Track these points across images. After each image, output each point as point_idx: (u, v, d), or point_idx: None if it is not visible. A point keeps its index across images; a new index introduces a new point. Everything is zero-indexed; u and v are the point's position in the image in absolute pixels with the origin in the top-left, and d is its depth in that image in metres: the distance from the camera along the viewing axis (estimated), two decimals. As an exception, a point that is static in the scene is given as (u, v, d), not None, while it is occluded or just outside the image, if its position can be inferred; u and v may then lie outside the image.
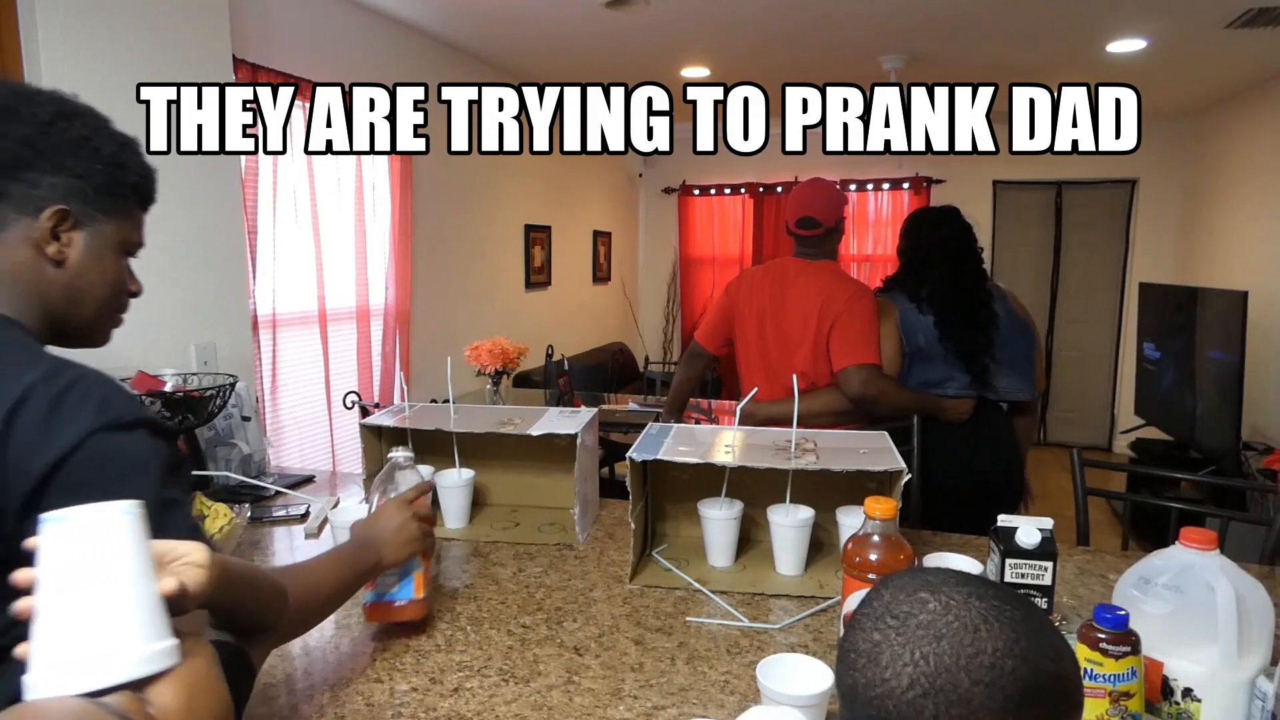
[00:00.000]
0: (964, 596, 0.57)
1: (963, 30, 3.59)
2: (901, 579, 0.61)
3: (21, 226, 0.84)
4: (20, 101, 0.85)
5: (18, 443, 0.73)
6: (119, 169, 0.90)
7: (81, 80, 1.83)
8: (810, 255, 2.20)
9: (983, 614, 0.56)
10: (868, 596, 0.61)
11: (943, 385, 2.10)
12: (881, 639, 0.57)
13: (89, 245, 0.89)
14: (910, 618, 0.57)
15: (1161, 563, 1.00)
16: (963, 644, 0.54)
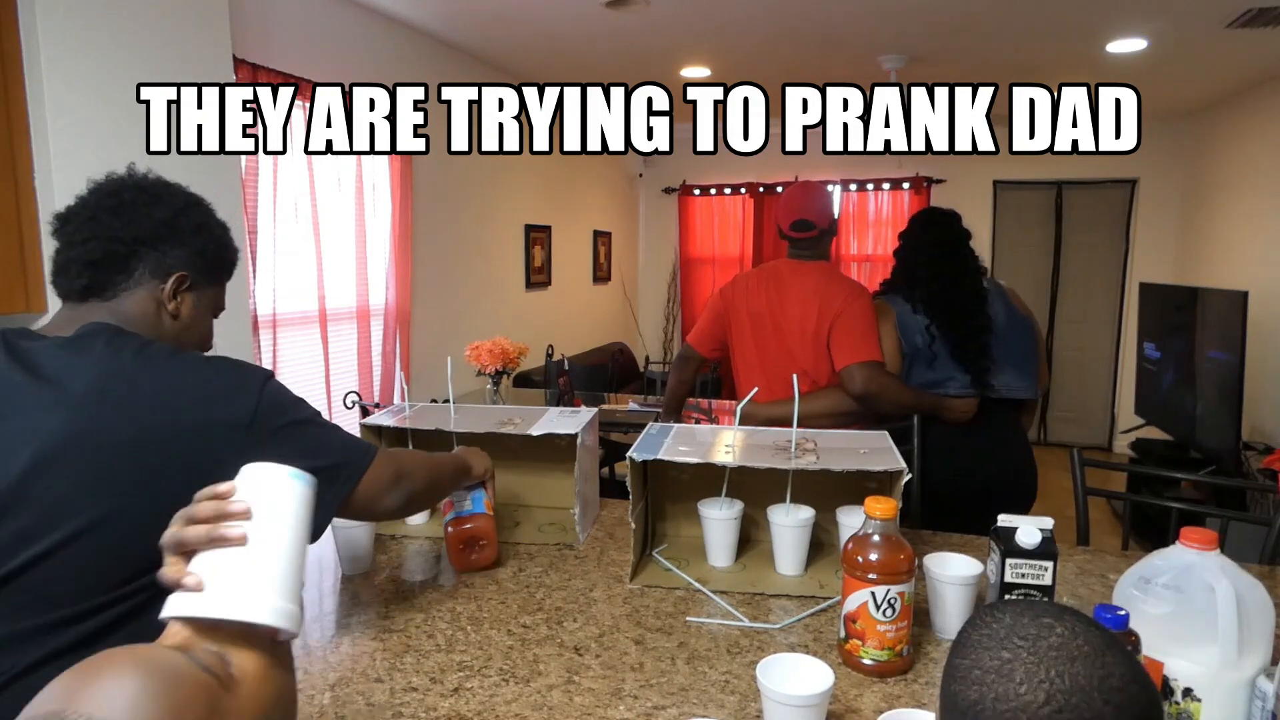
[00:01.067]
0: (1086, 624, 0.59)
1: (963, 30, 3.59)
2: (1017, 606, 0.63)
3: (152, 286, 1.08)
4: (162, 190, 1.11)
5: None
6: (224, 248, 1.17)
7: (81, 80, 1.83)
8: (805, 256, 2.20)
9: (1106, 641, 0.58)
10: (981, 619, 0.63)
11: (944, 385, 2.10)
12: (1013, 657, 0.58)
13: (196, 305, 1.13)
14: (1040, 639, 0.58)
15: (1161, 563, 1.00)
16: (1094, 667, 0.56)
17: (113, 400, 0.94)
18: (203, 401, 0.98)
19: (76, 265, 1.05)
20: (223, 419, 0.98)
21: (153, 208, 1.08)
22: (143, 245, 1.07)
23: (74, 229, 1.05)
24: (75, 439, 0.92)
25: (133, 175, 1.11)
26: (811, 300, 2.11)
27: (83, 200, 1.07)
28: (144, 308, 1.08)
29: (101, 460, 0.92)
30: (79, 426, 0.92)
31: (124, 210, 1.06)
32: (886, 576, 1.07)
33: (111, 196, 1.07)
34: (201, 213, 1.14)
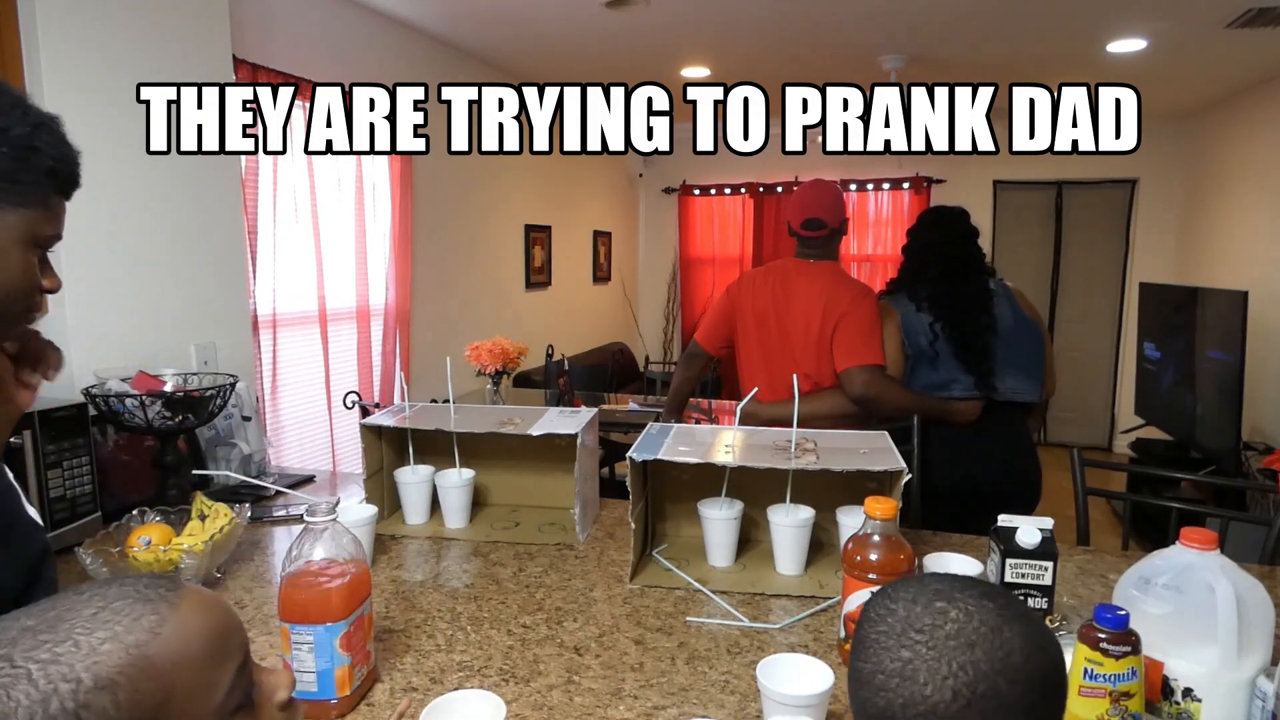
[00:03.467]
0: (978, 599, 0.58)
1: (963, 30, 3.59)
2: (908, 591, 0.61)
3: None
4: None
5: None
6: (29, 152, 0.80)
7: (81, 80, 1.83)
8: (813, 256, 2.20)
9: (1000, 615, 0.57)
10: (875, 613, 0.61)
11: (948, 387, 2.09)
12: (912, 655, 0.57)
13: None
14: (936, 629, 0.57)
15: (1161, 563, 1.00)
16: (994, 648, 0.55)
17: None
18: None
19: None
20: None
21: None
22: None
23: None
24: None
25: None
26: (817, 301, 2.11)
27: None
28: None
29: None
30: None
31: None
32: (887, 576, 1.07)
33: None
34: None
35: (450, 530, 1.66)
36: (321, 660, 0.97)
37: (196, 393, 1.72)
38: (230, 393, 1.80)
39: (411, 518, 1.69)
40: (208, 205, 2.17)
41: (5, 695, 0.44)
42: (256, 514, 1.73)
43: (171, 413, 1.66)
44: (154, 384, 1.76)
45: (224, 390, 1.76)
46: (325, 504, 1.03)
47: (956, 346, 2.07)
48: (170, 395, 1.68)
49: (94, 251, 1.82)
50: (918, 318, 2.11)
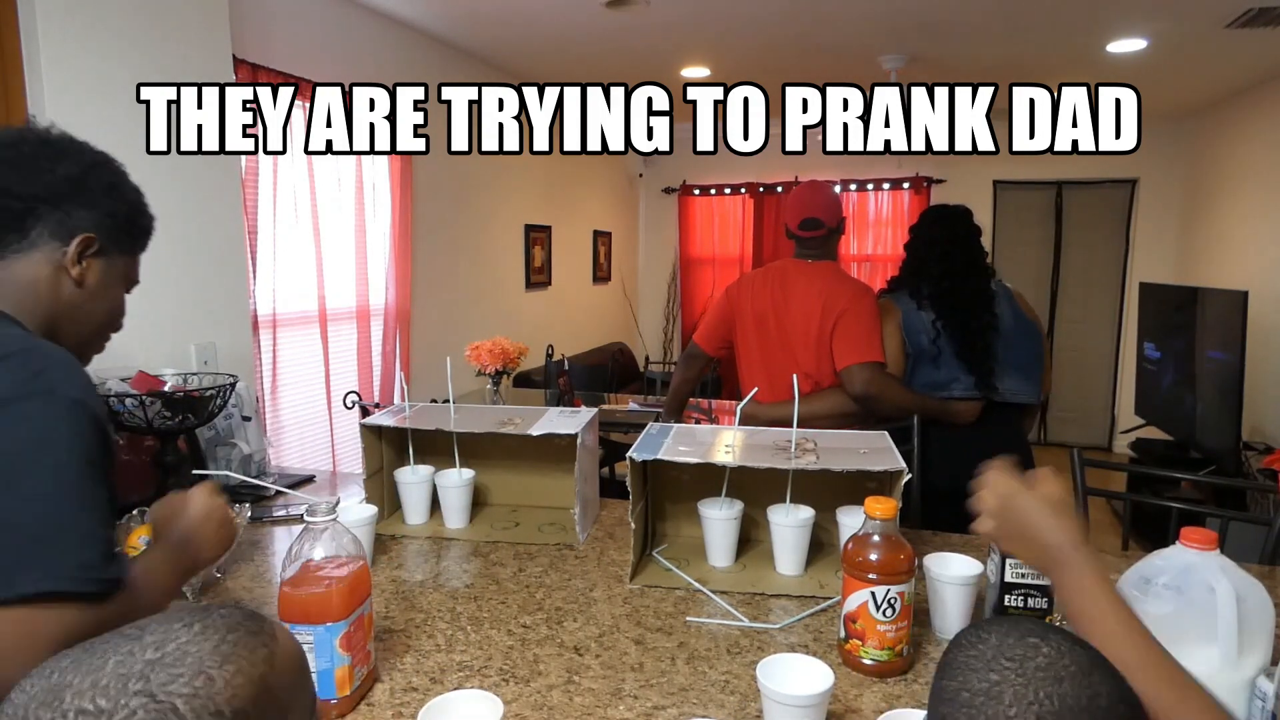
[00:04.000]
0: (1071, 643, 0.59)
1: (963, 30, 3.59)
2: (1001, 625, 0.63)
3: (51, 248, 0.98)
4: (69, 146, 1.01)
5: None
6: (138, 213, 1.08)
7: (81, 80, 1.83)
8: (812, 256, 2.20)
9: (1092, 660, 0.58)
10: (967, 640, 0.62)
11: (948, 387, 2.09)
12: (1000, 679, 0.58)
13: (104, 274, 1.04)
14: (1027, 660, 0.58)
15: (1162, 563, 1.00)
16: (1082, 687, 0.56)
17: None
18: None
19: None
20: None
21: (57, 163, 0.98)
22: (42, 203, 0.97)
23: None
24: None
25: (34, 128, 1.01)
26: (816, 301, 2.11)
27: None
28: (38, 272, 0.97)
29: None
30: None
31: (23, 164, 0.96)
32: (887, 576, 1.07)
33: (9, 149, 0.97)
34: (112, 172, 1.04)
35: (450, 530, 1.66)
36: (321, 660, 0.97)
37: (196, 393, 1.72)
38: (230, 393, 1.80)
39: (411, 518, 1.69)
40: (208, 205, 2.17)
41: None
42: (256, 514, 1.73)
43: (171, 413, 1.66)
44: (154, 384, 1.76)
45: (224, 390, 1.76)
46: (325, 504, 1.03)
47: (958, 345, 2.07)
48: (170, 395, 1.68)
49: (94, 251, 1.83)
50: (919, 316, 2.11)
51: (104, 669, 0.48)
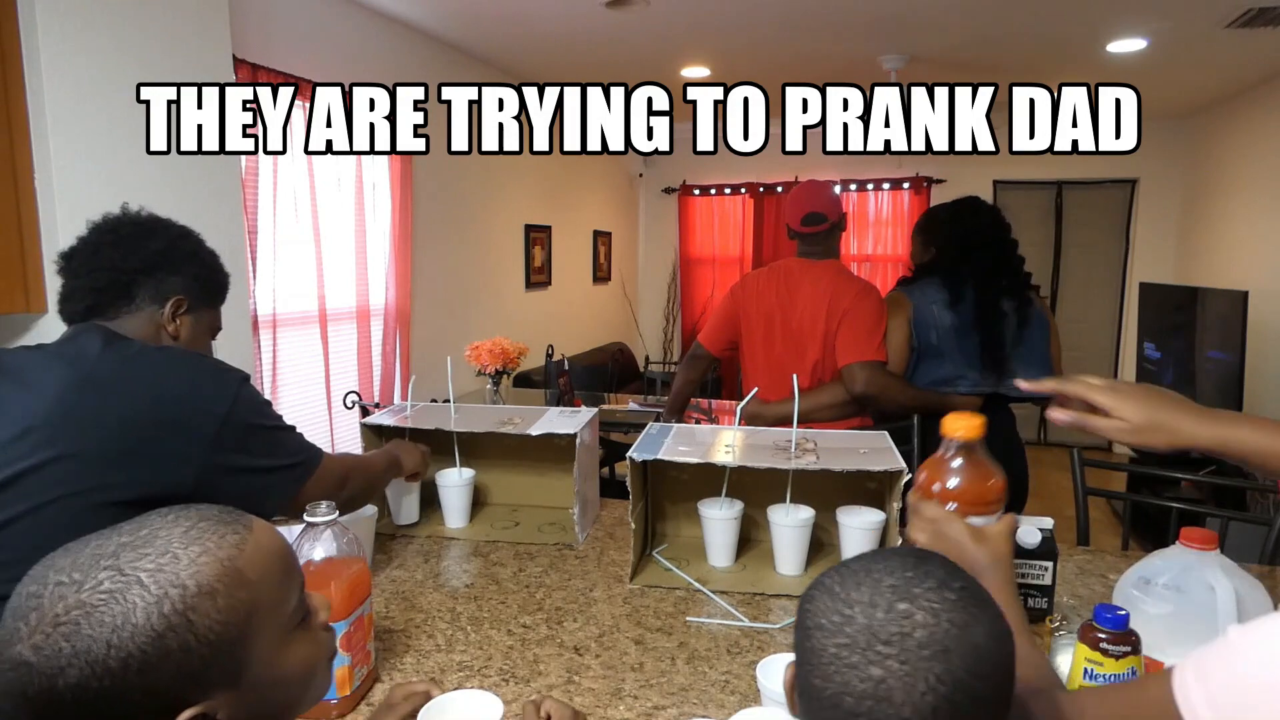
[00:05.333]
0: (939, 593, 0.54)
1: (963, 30, 3.59)
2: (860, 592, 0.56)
3: (152, 310, 1.18)
4: (156, 224, 1.22)
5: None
6: (216, 273, 1.28)
7: (81, 80, 1.83)
8: (815, 254, 2.20)
9: (963, 605, 0.54)
10: (829, 620, 0.56)
11: (954, 383, 2.09)
12: (885, 673, 0.52)
13: (194, 327, 1.23)
14: (906, 638, 0.52)
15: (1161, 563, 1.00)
16: (966, 649, 0.52)
17: (96, 384, 1.02)
18: (182, 397, 1.05)
19: (81, 291, 1.16)
20: (199, 417, 1.05)
21: (148, 239, 1.19)
22: (141, 274, 1.17)
23: (78, 263, 1.17)
24: (57, 414, 0.99)
25: (127, 213, 1.22)
26: (821, 299, 2.11)
27: (84, 238, 1.18)
28: (145, 329, 1.18)
29: (76, 438, 0.98)
30: (64, 404, 1.00)
31: (123, 243, 1.17)
32: (970, 506, 0.89)
33: (110, 232, 1.18)
34: (193, 242, 1.26)
35: (450, 530, 1.66)
36: None
37: (196, 393, 1.72)
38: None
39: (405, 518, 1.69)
40: (208, 205, 2.17)
41: (121, 599, 0.50)
42: (256, 514, 1.73)
43: (171, 413, 1.66)
44: (154, 384, 1.76)
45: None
46: (325, 504, 1.03)
47: (980, 342, 2.06)
48: (170, 395, 1.68)
49: (94, 251, 1.83)
50: (931, 311, 2.10)
51: (83, 551, 0.54)
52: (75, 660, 0.49)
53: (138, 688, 0.50)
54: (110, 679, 0.50)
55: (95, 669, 0.49)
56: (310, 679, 0.64)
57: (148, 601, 0.51)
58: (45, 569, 0.53)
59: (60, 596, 0.50)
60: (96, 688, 0.49)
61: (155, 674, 0.51)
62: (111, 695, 0.50)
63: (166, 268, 1.19)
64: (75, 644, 0.49)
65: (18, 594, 0.52)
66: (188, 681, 0.53)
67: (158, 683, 0.51)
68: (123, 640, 0.50)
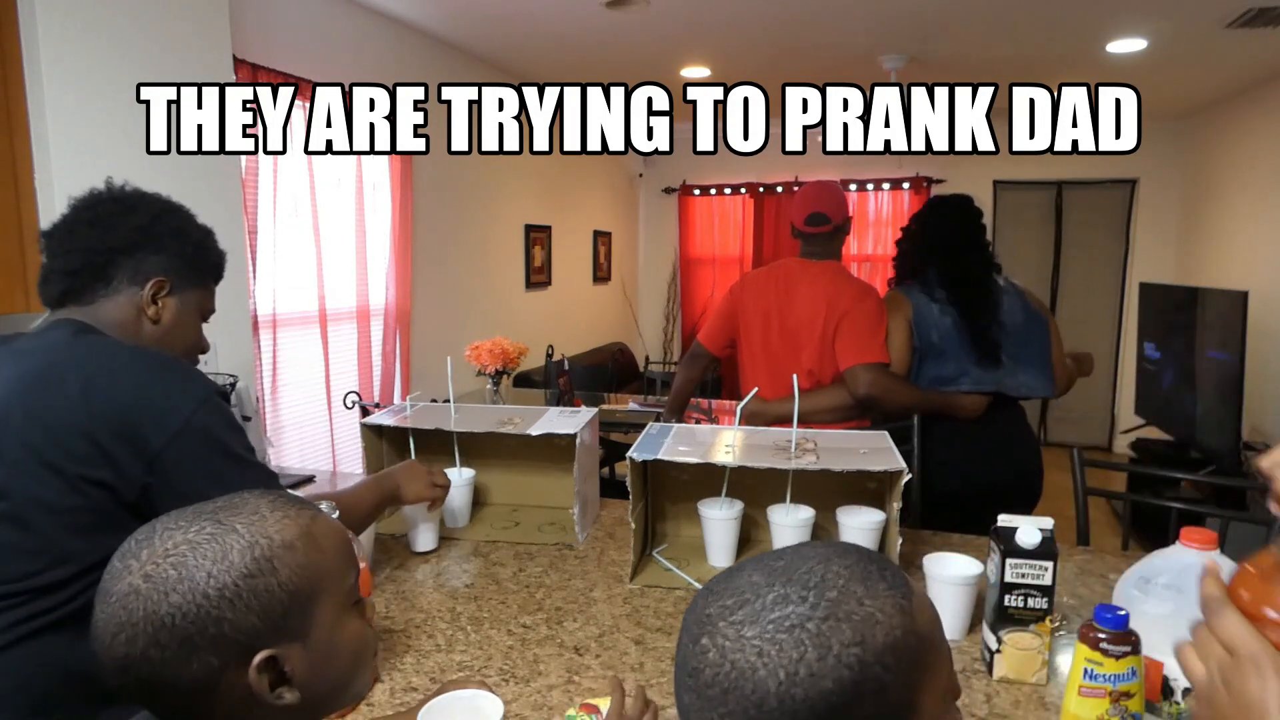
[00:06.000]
0: (737, 629, 0.51)
1: (963, 30, 3.59)
2: (694, 613, 0.55)
3: (131, 292, 1.10)
4: (137, 200, 1.13)
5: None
6: (205, 251, 1.18)
7: (82, 80, 1.83)
8: (816, 255, 2.20)
9: (757, 646, 0.49)
10: (680, 639, 0.55)
11: (956, 381, 2.09)
12: (689, 703, 0.52)
13: (179, 310, 1.15)
14: (699, 674, 0.51)
15: (1161, 563, 1.00)
16: (745, 695, 0.49)
17: (57, 382, 0.98)
18: (139, 405, 0.99)
19: (56, 274, 1.09)
20: (145, 429, 0.98)
21: (127, 216, 1.10)
22: (119, 254, 1.09)
23: (55, 243, 1.10)
24: (13, 411, 0.96)
25: (110, 188, 1.14)
26: (820, 300, 2.11)
27: (64, 216, 1.11)
28: (124, 314, 1.11)
29: (34, 436, 0.95)
30: (22, 400, 0.97)
31: (100, 222, 1.10)
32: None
33: (88, 210, 1.11)
34: (179, 218, 1.16)
35: (450, 530, 1.66)
36: None
37: (196, 393, 1.72)
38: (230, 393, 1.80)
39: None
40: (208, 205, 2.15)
41: (221, 540, 0.59)
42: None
43: (171, 413, 1.66)
44: (154, 384, 1.75)
45: (224, 390, 1.76)
46: (325, 504, 1.03)
47: (971, 338, 2.07)
48: (170, 395, 1.68)
49: (94, 251, 1.83)
50: (930, 310, 2.10)
51: (185, 513, 0.62)
52: (179, 585, 0.57)
53: (227, 618, 0.58)
54: (206, 604, 0.57)
55: (195, 594, 0.57)
56: (359, 661, 0.69)
57: (241, 545, 0.60)
58: (151, 525, 0.62)
59: (169, 536, 0.59)
60: (193, 612, 0.57)
61: (243, 608, 0.58)
62: (205, 620, 0.57)
63: (148, 246, 1.11)
64: (180, 571, 0.58)
65: (126, 545, 0.61)
66: (267, 623, 0.60)
67: (243, 618, 0.59)
68: (220, 573, 0.58)
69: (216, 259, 1.21)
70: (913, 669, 0.51)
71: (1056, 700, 1.04)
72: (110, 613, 0.58)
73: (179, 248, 1.14)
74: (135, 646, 0.57)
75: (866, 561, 0.54)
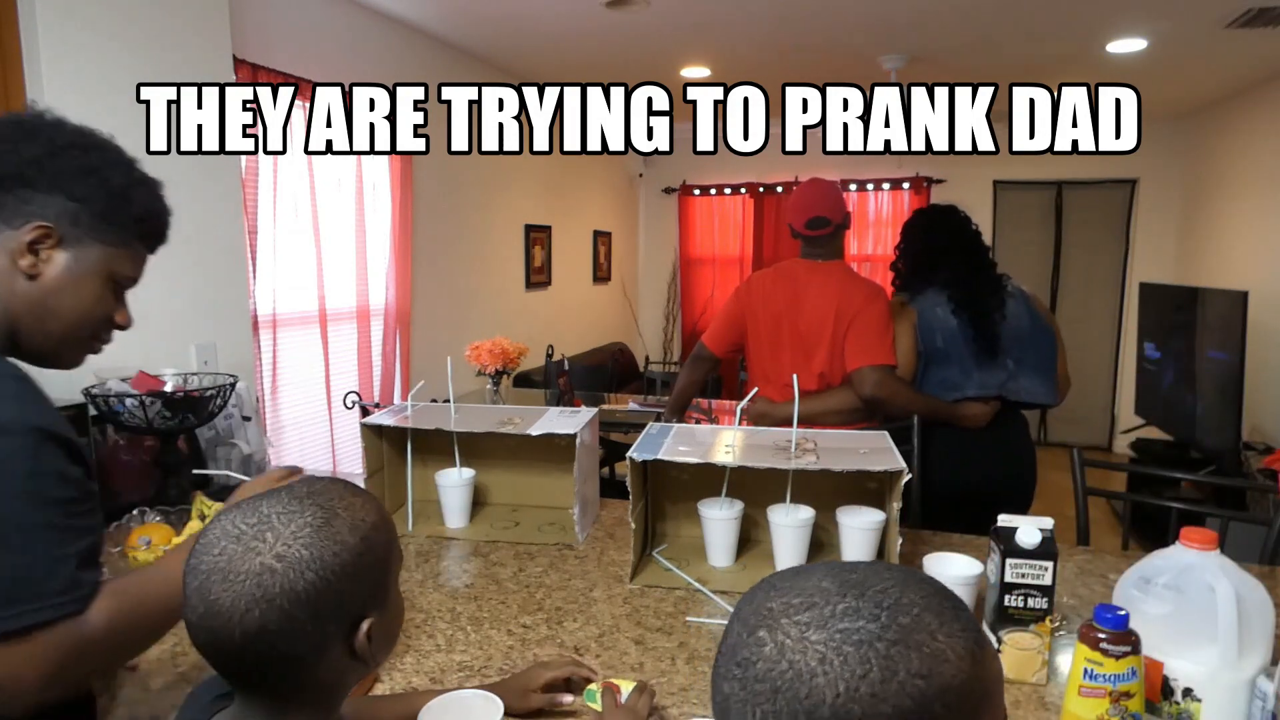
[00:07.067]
0: (801, 630, 0.49)
1: (963, 30, 3.59)
2: (751, 605, 0.53)
3: (5, 237, 0.88)
4: (43, 127, 0.91)
5: None
6: (122, 202, 0.94)
7: (81, 80, 1.83)
8: (820, 256, 2.20)
9: (820, 652, 0.48)
10: (729, 625, 0.55)
11: (961, 387, 2.08)
12: (730, 692, 0.51)
13: (70, 267, 0.91)
14: (750, 665, 0.50)
15: (1161, 563, 1.00)
16: (798, 697, 0.47)
17: None
18: None
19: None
20: None
21: (23, 143, 0.89)
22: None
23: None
24: None
25: (27, 110, 0.94)
26: (830, 302, 2.11)
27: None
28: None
29: None
30: None
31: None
32: None
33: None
34: (95, 157, 0.93)
35: (450, 530, 1.66)
36: None
37: (196, 393, 1.72)
38: (230, 393, 1.80)
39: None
40: (208, 205, 2.17)
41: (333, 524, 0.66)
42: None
43: (171, 413, 1.66)
44: (154, 384, 1.76)
45: (224, 390, 1.77)
46: None
47: (977, 344, 2.07)
48: (170, 395, 1.68)
49: (94, 251, 1.82)
50: (935, 315, 2.10)
51: (287, 499, 0.67)
52: (313, 564, 0.64)
53: (347, 590, 0.66)
54: (333, 579, 0.65)
55: (325, 571, 0.64)
56: (400, 622, 0.76)
57: (348, 527, 0.67)
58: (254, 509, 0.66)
59: (288, 520, 0.65)
60: (323, 587, 0.64)
61: (356, 581, 0.66)
62: (331, 593, 0.64)
63: (38, 183, 0.88)
64: (311, 551, 0.64)
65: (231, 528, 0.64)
66: (369, 592, 0.68)
67: (359, 589, 0.67)
68: (341, 551, 0.66)
69: (142, 213, 0.96)
70: (969, 717, 0.50)
71: (1056, 700, 1.04)
72: (242, 590, 0.62)
73: (85, 191, 0.90)
74: (270, 619, 0.62)
75: (943, 598, 0.53)
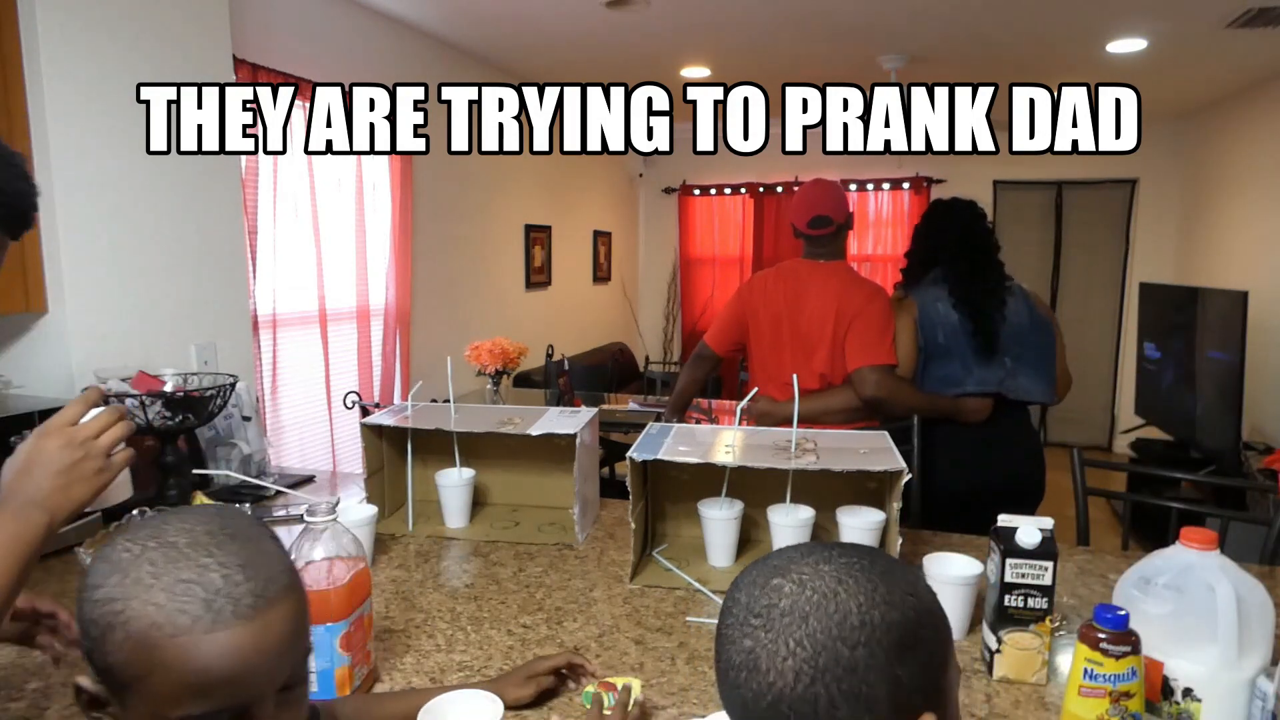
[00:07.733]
0: (814, 566, 0.56)
1: (963, 30, 3.59)
2: (751, 574, 0.59)
3: None
4: None
5: None
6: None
7: (81, 80, 1.83)
8: (822, 256, 2.20)
9: (835, 576, 0.55)
10: (726, 604, 0.59)
11: (962, 383, 2.09)
12: (754, 643, 0.54)
13: None
14: (772, 609, 0.54)
15: (1162, 563, 1.00)
16: (829, 613, 0.53)
17: None
18: None
19: None
20: None
21: None
22: None
23: None
24: None
25: None
26: (831, 302, 2.11)
27: None
28: None
29: None
30: None
31: None
32: None
33: None
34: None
35: (450, 530, 1.66)
36: (321, 660, 0.97)
37: (196, 393, 1.72)
38: (230, 393, 1.80)
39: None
40: (208, 205, 2.17)
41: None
42: (256, 514, 1.73)
43: (171, 413, 1.66)
44: (154, 384, 1.76)
45: (224, 390, 1.76)
46: (325, 504, 1.03)
47: (977, 339, 2.07)
48: (170, 395, 1.68)
49: (94, 251, 1.82)
50: (936, 310, 2.11)
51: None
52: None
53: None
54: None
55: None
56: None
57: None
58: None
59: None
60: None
61: None
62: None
63: None
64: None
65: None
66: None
67: None
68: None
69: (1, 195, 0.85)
70: (945, 631, 0.58)
71: (1056, 700, 1.04)
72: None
73: None
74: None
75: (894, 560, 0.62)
